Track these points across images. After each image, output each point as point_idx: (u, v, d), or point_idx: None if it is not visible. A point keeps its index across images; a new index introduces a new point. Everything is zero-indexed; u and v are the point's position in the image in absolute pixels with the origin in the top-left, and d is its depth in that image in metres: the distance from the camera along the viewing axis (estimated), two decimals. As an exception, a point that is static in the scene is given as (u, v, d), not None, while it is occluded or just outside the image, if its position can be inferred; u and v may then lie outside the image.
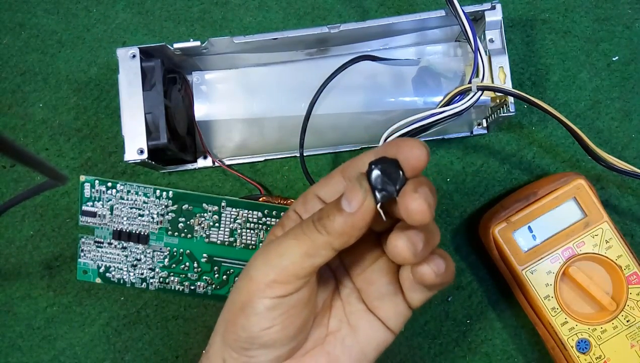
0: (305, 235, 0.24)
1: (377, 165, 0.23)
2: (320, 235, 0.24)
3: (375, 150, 0.25)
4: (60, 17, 0.41)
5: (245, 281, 0.25)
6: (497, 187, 0.40)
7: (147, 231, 0.37)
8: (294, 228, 0.25)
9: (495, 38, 0.35)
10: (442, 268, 0.24)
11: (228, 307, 0.26)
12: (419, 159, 0.23)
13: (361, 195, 0.23)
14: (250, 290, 0.25)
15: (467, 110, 0.33)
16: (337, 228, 0.23)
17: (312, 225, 0.24)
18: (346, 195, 0.23)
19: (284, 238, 0.25)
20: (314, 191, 0.27)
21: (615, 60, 0.40)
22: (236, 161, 0.40)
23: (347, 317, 0.28)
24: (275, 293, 0.24)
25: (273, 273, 0.24)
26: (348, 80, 0.37)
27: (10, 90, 0.41)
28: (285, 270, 0.24)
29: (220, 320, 0.27)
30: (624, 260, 0.35)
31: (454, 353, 0.39)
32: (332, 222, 0.23)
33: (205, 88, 0.38)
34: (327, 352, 0.27)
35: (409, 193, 0.22)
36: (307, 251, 0.24)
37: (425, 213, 0.22)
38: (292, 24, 0.41)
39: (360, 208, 0.23)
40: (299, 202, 0.28)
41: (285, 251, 0.24)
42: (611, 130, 0.40)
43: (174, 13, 0.41)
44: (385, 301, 0.27)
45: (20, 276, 0.40)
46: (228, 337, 0.26)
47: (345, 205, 0.23)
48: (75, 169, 0.40)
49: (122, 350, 0.39)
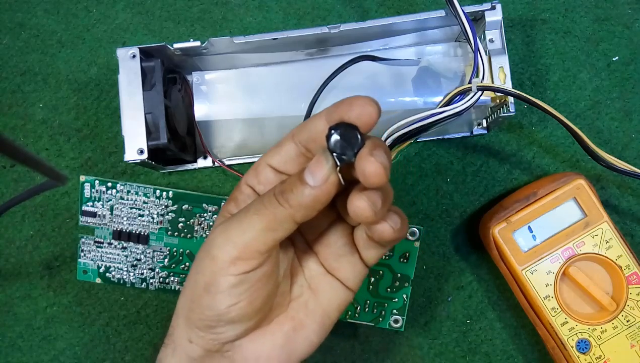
0: (266, 209, 0.24)
1: (337, 130, 0.23)
2: (282, 208, 0.24)
3: (326, 110, 0.25)
4: (60, 17, 0.41)
5: (207, 261, 0.25)
6: (497, 187, 0.40)
7: (147, 231, 0.37)
8: (254, 202, 0.25)
9: (495, 38, 0.35)
10: (398, 223, 0.25)
11: (190, 287, 0.26)
12: (370, 115, 0.23)
13: (327, 170, 0.23)
14: (213, 270, 0.25)
15: (467, 110, 0.33)
16: (301, 202, 0.23)
17: (274, 199, 0.24)
18: (310, 168, 0.23)
19: (245, 214, 0.25)
20: (265, 161, 0.27)
21: (615, 60, 0.40)
22: (236, 161, 0.40)
23: (308, 282, 0.28)
24: (239, 270, 0.24)
25: (236, 251, 0.24)
26: (348, 80, 0.37)
27: (10, 90, 0.41)
28: (248, 246, 0.24)
29: (182, 301, 0.27)
30: (624, 260, 0.35)
31: (454, 353, 0.39)
32: (295, 195, 0.23)
33: (205, 88, 0.38)
34: (292, 317, 0.27)
35: (365, 156, 0.22)
36: (269, 225, 0.24)
37: (381, 175, 0.22)
38: (292, 24, 0.41)
39: (324, 182, 0.23)
40: (250, 174, 0.27)
41: (247, 227, 0.24)
42: (611, 130, 0.40)
43: (174, 13, 0.41)
44: (342, 262, 0.28)
45: (20, 276, 0.40)
46: (193, 316, 0.26)
47: (309, 179, 0.23)
48: (75, 169, 0.40)
49: (122, 350, 0.39)
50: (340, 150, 0.23)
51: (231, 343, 0.26)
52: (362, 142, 0.23)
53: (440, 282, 0.39)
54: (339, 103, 0.24)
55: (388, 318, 0.37)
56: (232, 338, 0.26)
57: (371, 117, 0.23)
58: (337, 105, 0.24)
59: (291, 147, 0.26)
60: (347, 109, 0.23)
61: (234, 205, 0.27)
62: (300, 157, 0.26)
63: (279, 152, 0.27)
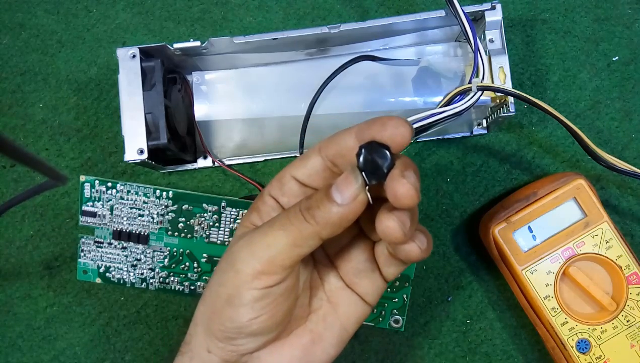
0: (292, 225, 0.24)
1: (368, 149, 0.23)
2: (308, 225, 0.24)
3: (357, 127, 0.24)
4: (60, 17, 0.41)
5: (231, 274, 0.25)
6: (497, 187, 0.40)
7: (147, 231, 0.37)
8: (280, 217, 0.25)
9: (495, 38, 0.35)
10: (425, 243, 0.25)
11: (211, 299, 0.26)
12: (403, 136, 0.23)
13: (356, 189, 0.23)
14: (237, 283, 0.24)
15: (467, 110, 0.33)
16: (327, 219, 0.23)
17: (300, 214, 0.24)
18: (339, 186, 0.23)
19: (269, 228, 0.25)
20: (290, 173, 0.27)
21: (615, 60, 0.40)
22: (236, 161, 0.40)
23: (327, 295, 0.28)
24: (263, 284, 0.24)
25: (260, 265, 0.24)
26: (348, 80, 0.37)
27: (10, 90, 0.41)
28: (272, 261, 0.24)
29: (202, 311, 0.27)
30: (624, 260, 0.35)
31: (454, 353, 0.39)
32: (322, 212, 0.23)
33: (205, 88, 0.38)
34: (310, 330, 0.27)
35: (397, 178, 0.22)
36: (294, 241, 0.24)
37: (413, 197, 0.22)
38: (292, 24, 0.41)
39: (353, 201, 0.23)
40: (274, 185, 0.27)
41: (272, 242, 0.24)
42: (611, 130, 0.40)
43: (174, 13, 0.41)
44: (362, 277, 0.28)
45: (20, 276, 0.40)
46: (213, 327, 0.25)
47: (336, 196, 0.23)
48: (75, 169, 0.40)
49: (122, 350, 0.39)
50: (371, 169, 0.23)
51: (250, 355, 0.26)
52: (392, 162, 0.23)
53: (440, 282, 0.39)
54: (371, 122, 0.24)
55: (388, 318, 0.37)
56: (251, 350, 0.26)
57: (404, 138, 0.23)
58: (369, 124, 0.24)
59: (317, 160, 0.26)
60: (380, 129, 0.23)
61: (256, 216, 0.27)
62: (326, 171, 0.26)
63: (305, 165, 0.26)
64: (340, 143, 0.25)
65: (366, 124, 0.24)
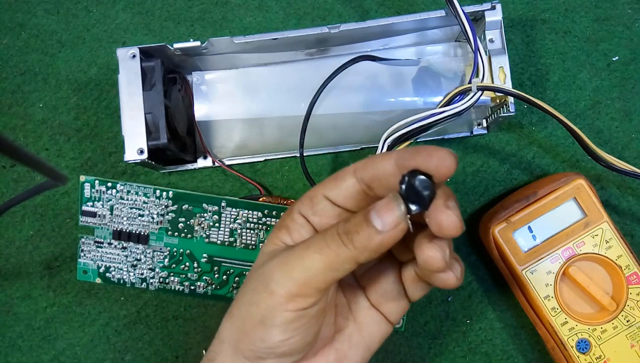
0: (329, 248, 0.24)
1: (411, 177, 0.23)
2: (346, 249, 0.23)
3: (397, 154, 0.24)
4: (60, 17, 0.41)
5: (264, 294, 0.25)
6: (497, 187, 0.40)
7: (147, 231, 0.37)
8: (317, 240, 0.25)
9: (495, 38, 0.35)
10: (459, 272, 0.25)
11: (241, 318, 0.26)
12: (449, 168, 0.23)
13: (397, 216, 0.23)
14: (270, 304, 0.24)
15: (467, 110, 0.33)
16: (366, 245, 0.23)
17: (338, 238, 0.24)
18: (379, 212, 0.23)
19: (306, 250, 0.24)
20: (322, 192, 0.26)
21: (615, 60, 0.40)
22: (236, 161, 0.40)
23: (353, 315, 0.28)
24: (297, 306, 0.24)
25: (295, 288, 0.24)
26: (348, 80, 0.37)
27: (10, 90, 0.41)
28: (308, 284, 0.24)
29: (229, 329, 0.26)
30: (624, 260, 0.35)
31: (454, 353, 0.39)
32: (361, 237, 0.23)
33: (205, 88, 0.38)
34: (336, 349, 0.27)
35: (442, 208, 0.22)
36: (331, 265, 0.24)
37: (458, 228, 0.22)
38: (292, 24, 0.41)
39: (394, 228, 0.23)
40: (305, 204, 0.27)
41: (309, 265, 0.24)
42: (611, 130, 0.40)
43: (174, 13, 0.41)
44: (388, 298, 0.28)
45: (20, 276, 0.40)
46: (242, 346, 0.25)
47: (377, 223, 0.23)
48: (75, 169, 0.40)
49: (122, 350, 0.39)
50: (413, 198, 0.23)
51: None
52: (434, 192, 0.23)
53: (440, 282, 0.39)
54: (415, 151, 0.23)
55: (388, 318, 0.37)
56: None
57: (449, 170, 0.23)
58: (413, 153, 0.23)
59: (352, 182, 0.26)
60: (426, 159, 0.23)
61: (286, 234, 0.27)
62: (360, 193, 0.26)
63: (339, 186, 0.26)
64: (378, 167, 0.25)
65: (409, 152, 0.24)
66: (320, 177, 0.40)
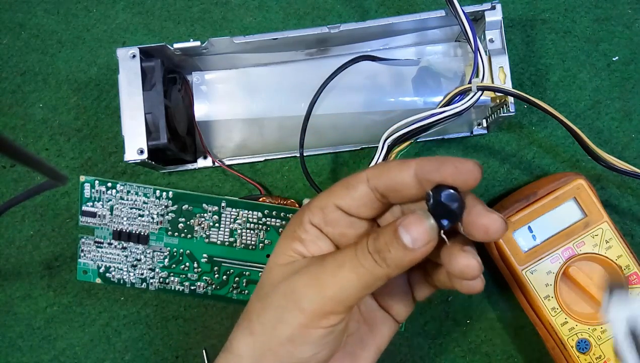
0: (364, 268, 0.24)
1: (437, 193, 0.22)
2: (380, 268, 0.23)
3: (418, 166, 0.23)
4: (60, 17, 0.41)
5: (296, 312, 0.24)
6: (497, 187, 0.40)
7: (147, 231, 0.37)
8: (348, 257, 0.24)
9: (495, 38, 0.35)
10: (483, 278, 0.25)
11: (267, 335, 0.25)
12: (477, 180, 0.23)
13: (429, 234, 0.22)
14: (303, 322, 0.24)
15: (467, 110, 0.33)
16: (399, 263, 0.23)
17: (371, 257, 0.24)
18: (409, 229, 0.23)
19: (339, 269, 0.24)
20: (333, 201, 0.25)
21: (615, 60, 0.40)
22: (236, 161, 0.40)
23: (363, 316, 0.29)
24: (330, 323, 0.24)
25: (330, 306, 0.24)
26: (348, 80, 0.37)
27: (10, 90, 0.41)
28: (343, 302, 0.24)
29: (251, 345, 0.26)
30: (624, 260, 0.35)
31: (454, 353, 0.39)
32: (393, 256, 0.23)
33: (205, 88, 0.38)
34: (349, 352, 0.28)
35: (484, 213, 0.22)
36: (367, 284, 0.24)
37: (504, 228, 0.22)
38: (292, 24, 0.41)
39: (425, 245, 0.23)
40: (315, 214, 0.26)
41: (345, 284, 0.24)
42: (611, 130, 0.40)
43: (174, 13, 0.41)
44: (396, 299, 0.29)
45: (20, 276, 0.40)
46: (265, 361, 0.25)
47: (406, 239, 0.23)
48: (75, 169, 0.40)
49: (122, 350, 0.39)
50: (444, 213, 0.22)
51: None
52: (464, 203, 0.22)
53: (440, 282, 0.39)
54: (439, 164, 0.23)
55: (388, 318, 0.37)
56: None
57: (477, 181, 0.22)
58: (436, 165, 0.23)
59: (365, 191, 0.25)
60: (454, 174, 0.22)
61: (300, 245, 0.26)
62: (375, 202, 0.25)
63: (351, 195, 0.25)
64: (395, 178, 0.24)
65: (431, 164, 0.23)
66: (320, 177, 0.40)
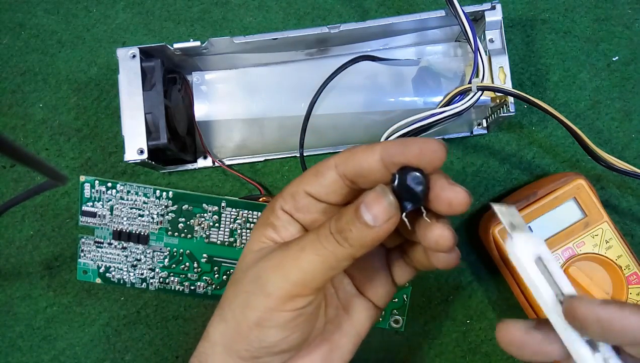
0: (326, 249, 0.24)
1: (402, 176, 0.22)
2: (342, 248, 0.23)
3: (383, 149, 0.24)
4: (60, 17, 0.41)
5: (262, 297, 0.25)
6: (497, 187, 0.40)
7: (147, 231, 0.37)
8: (310, 239, 0.24)
9: (495, 38, 0.35)
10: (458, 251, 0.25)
11: (235, 320, 0.25)
12: (441, 159, 0.23)
13: (389, 210, 0.22)
14: (269, 306, 0.24)
15: (467, 110, 0.33)
16: (361, 241, 0.23)
17: (332, 238, 0.24)
18: (369, 207, 0.23)
19: (301, 252, 0.24)
20: (304, 188, 0.26)
21: (615, 60, 0.40)
22: (236, 161, 0.40)
23: (342, 303, 0.28)
24: (295, 306, 0.24)
25: (295, 289, 0.24)
26: (348, 80, 0.37)
27: (10, 90, 0.41)
28: (306, 284, 0.24)
29: (223, 331, 0.26)
30: (624, 260, 0.35)
31: (454, 353, 0.39)
32: (355, 234, 0.23)
33: (205, 88, 0.38)
34: (327, 339, 0.28)
35: (447, 186, 0.23)
36: (330, 265, 0.24)
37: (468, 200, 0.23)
38: (292, 24, 0.41)
39: (386, 222, 0.23)
40: (286, 200, 0.26)
41: (307, 266, 0.24)
42: (611, 130, 0.40)
43: (174, 13, 0.41)
44: (375, 283, 0.28)
45: (20, 276, 0.40)
46: (237, 347, 0.25)
47: (368, 218, 0.23)
48: (75, 169, 0.40)
49: (122, 350, 0.39)
50: (408, 195, 0.22)
51: None
52: (428, 185, 0.22)
53: (440, 282, 0.39)
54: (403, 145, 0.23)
55: (388, 318, 0.37)
56: None
57: (441, 161, 0.23)
58: (400, 147, 0.23)
59: (333, 178, 0.25)
60: (417, 156, 0.23)
61: (272, 231, 0.27)
62: (343, 188, 0.25)
63: (320, 182, 0.25)
64: (361, 163, 0.24)
65: (395, 146, 0.23)
66: (320, 177, 0.40)
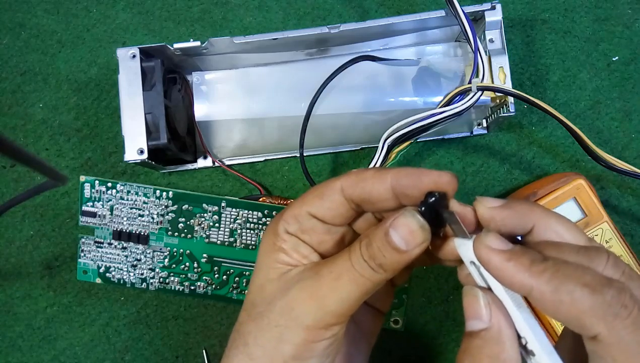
0: (363, 277, 0.24)
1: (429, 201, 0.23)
2: (377, 274, 0.24)
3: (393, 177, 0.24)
4: (60, 17, 0.41)
5: (298, 330, 0.24)
6: (497, 187, 0.40)
7: (147, 231, 0.37)
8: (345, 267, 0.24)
9: (495, 38, 0.35)
10: None
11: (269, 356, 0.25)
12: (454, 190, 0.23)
13: (421, 234, 0.23)
14: (307, 338, 0.24)
15: (467, 110, 0.33)
16: (394, 266, 0.23)
17: (367, 265, 0.24)
18: (401, 233, 0.23)
19: (337, 281, 0.24)
20: (307, 210, 0.25)
21: (615, 60, 0.40)
22: (236, 161, 0.40)
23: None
24: (333, 333, 0.24)
25: (333, 319, 0.24)
26: (348, 80, 0.37)
27: (10, 90, 0.41)
28: (345, 313, 0.24)
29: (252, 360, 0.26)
30: (623, 260, 0.35)
31: (454, 353, 0.39)
32: (388, 260, 0.23)
33: (205, 88, 0.38)
34: (343, 352, 0.28)
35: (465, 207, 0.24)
36: (367, 291, 0.24)
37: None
38: (292, 24, 0.41)
39: (418, 246, 0.23)
40: (290, 223, 0.25)
41: (346, 296, 0.24)
42: (611, 130, 0.40)
43: (174, 13, 0.41)
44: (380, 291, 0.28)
45: (20, 276, 0.40)
46: None
47: (400, 244, 0.23)
48: (75, 169, 0.40)
49: (122, 350, 0.39)
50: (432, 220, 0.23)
51: None
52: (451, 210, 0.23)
53: (440, 282, 0.39)
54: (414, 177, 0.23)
55: (388, 318, 0.37)
56: None
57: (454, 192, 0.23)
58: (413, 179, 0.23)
59: (339, 201, 0.25)
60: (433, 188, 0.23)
61: (284, 255, 0.26)
62: (349, 211, 0.25)
63: (324, 205, 0.25)
64: (370, 190, 0.24)
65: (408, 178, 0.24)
66: (320, 177, 0.40)
